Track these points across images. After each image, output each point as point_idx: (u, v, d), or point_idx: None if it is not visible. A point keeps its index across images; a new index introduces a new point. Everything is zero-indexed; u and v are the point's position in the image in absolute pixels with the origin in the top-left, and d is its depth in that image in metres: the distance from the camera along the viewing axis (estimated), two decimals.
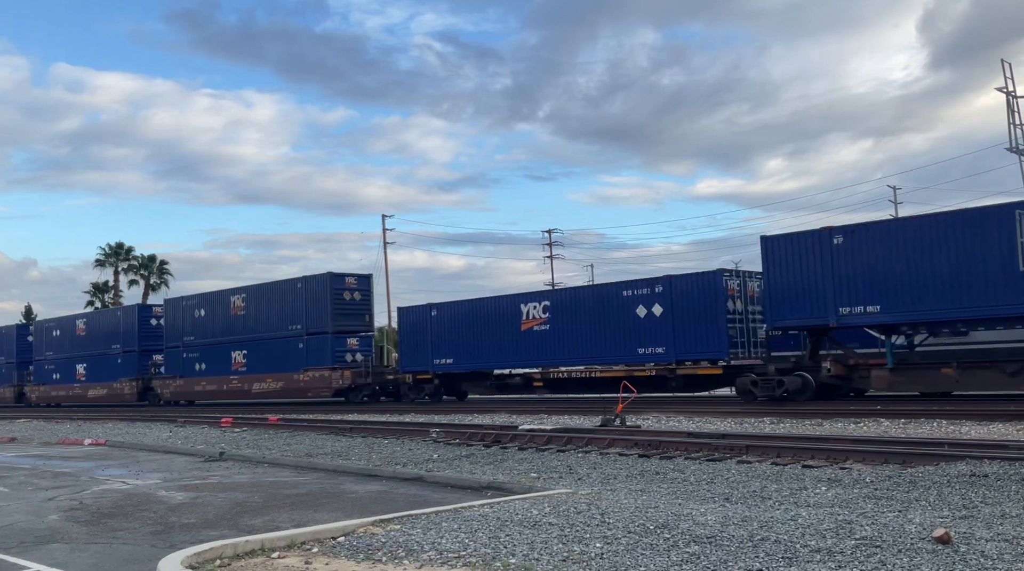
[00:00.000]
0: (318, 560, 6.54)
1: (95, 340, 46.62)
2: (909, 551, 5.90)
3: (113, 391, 45.04)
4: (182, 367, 41.69)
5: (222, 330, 40.11)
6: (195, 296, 42.87)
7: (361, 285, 36.66)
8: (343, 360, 35.25)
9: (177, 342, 42.08)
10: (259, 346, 38.18)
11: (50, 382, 48.68)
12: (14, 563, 7.23)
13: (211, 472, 13.63)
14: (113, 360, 45.22)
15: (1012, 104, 17.21)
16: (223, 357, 39.67)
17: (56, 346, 49.13)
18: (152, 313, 45.23)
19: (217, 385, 40.05)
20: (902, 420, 17.46)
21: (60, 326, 49.77)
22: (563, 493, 9.38)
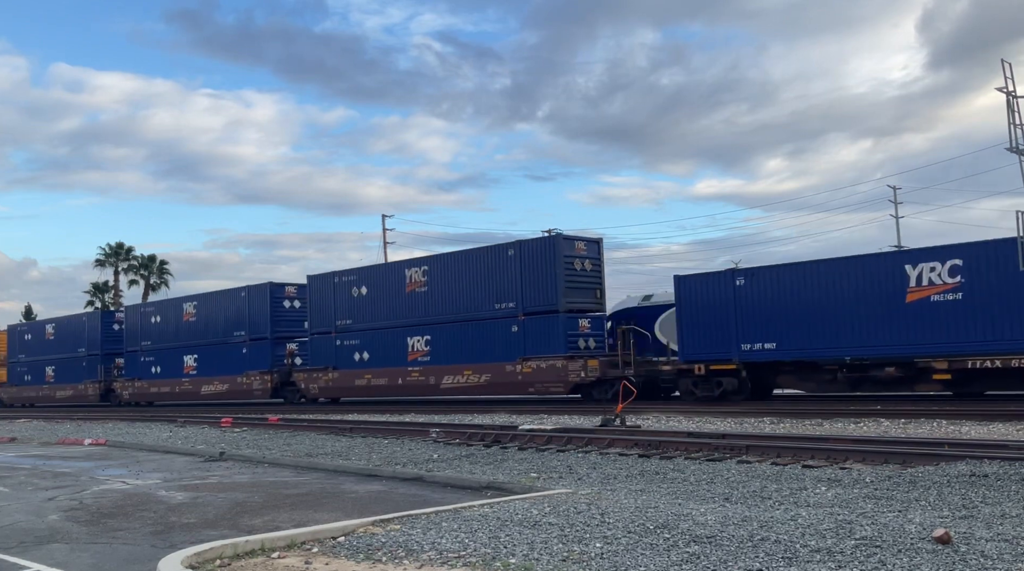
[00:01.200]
0: (318, 560, 6.54)
1: (211, 327, 40.30)
2: (909, 551, 5.90)
3: (238, 386, 38.42)
4: None
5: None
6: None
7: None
8: None
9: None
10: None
11: (149, 376, 43.42)
12: (14, 563, 7.23)
13: (211, 472, 13.63)
14: (238, 350, 38.46)
15: (1012, 104, 17.21)
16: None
17: (155, 335, 43.44)
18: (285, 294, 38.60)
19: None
20: (902, 420, 17.46)
21: (160, 312, 44.10)
22: (563, 493, 9.38)
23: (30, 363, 51.44)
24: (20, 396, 52.04)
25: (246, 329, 38.13)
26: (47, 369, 49.83)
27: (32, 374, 51.26)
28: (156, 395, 42.33)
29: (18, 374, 52.56)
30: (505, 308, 28.63)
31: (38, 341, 50.98)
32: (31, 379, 51.26)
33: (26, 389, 51.45)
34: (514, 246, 28.59)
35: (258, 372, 37.27)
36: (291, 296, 38.60)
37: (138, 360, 43.48)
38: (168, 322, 42.24)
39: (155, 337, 42.79)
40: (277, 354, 37.29)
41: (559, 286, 27.15)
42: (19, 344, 52.87)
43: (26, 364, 51.82)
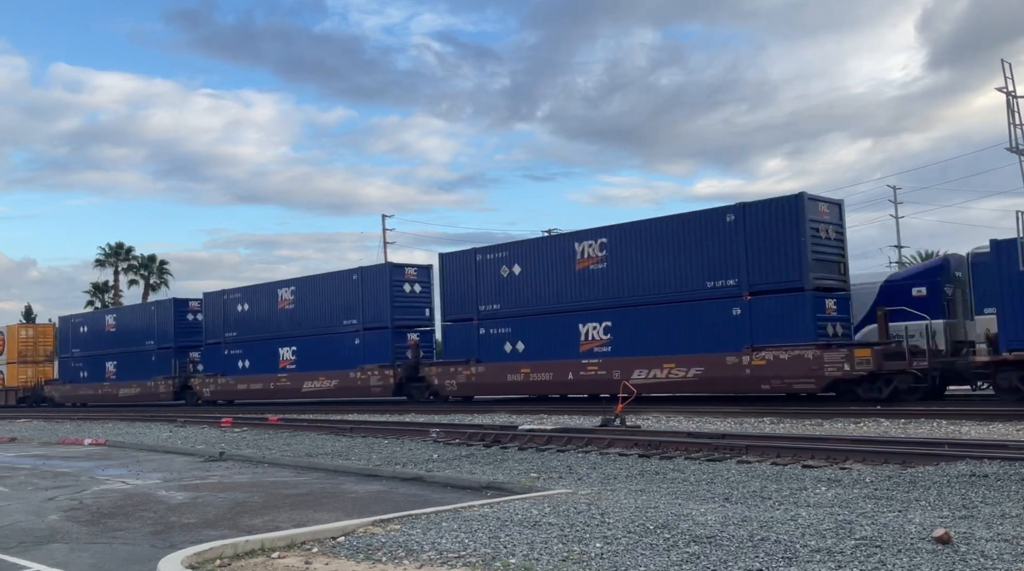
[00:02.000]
0: (318, 560, 6.54)
1: (313, 315, 34.71)
2: (909, 551, 5.90)
3: (350, 381, 32.74)
4: None
5: None
6: None
7: None
8: None
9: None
10: None
11: (235, 372, 37.63)
12: (14, 563, 7.23)
13: (211, 472, 13.63)
14: (350, 340, 33.30)
15: (1012, 104, 17.22)
16: None
17: (242, 324, 37.69)
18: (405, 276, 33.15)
19: None
20: (902, 420, 17.47)
21: (249, 298, 37.86)
22: (563, 493, 9.38)
23: (86, 358, 46.54)
24: (74, 394, 47.07)
25: (359, 317, 32.55)
26: (107, 365, 44.81)
27: (89, 370, 46.20)
28: (244, 392, 36.84)
29: (72, 370, 47.58)
30: (723, 286, 23.07)
31: (96, 333, 46.07)
32: (88, 376, 46.22)
33: (81, 387, 46.49)
34: (736, 210, 23.03)
35: (377, 366, 31.58)
36: (411, 279, 33.11)
37: (220, 353, 37.90)
38: (258, 310, 36.71)
39: (242, 327, 37.24)
40: (398, 345, 31.79)
41: (805, 258, 21.62)
42: (73, 337, 47.99)
43: (82, 359, 47.01)
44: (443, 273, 30.54)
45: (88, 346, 46.72)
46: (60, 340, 49.71)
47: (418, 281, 33.06)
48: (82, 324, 48.17)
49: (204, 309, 38.72)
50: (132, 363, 42.93)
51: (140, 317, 43.91)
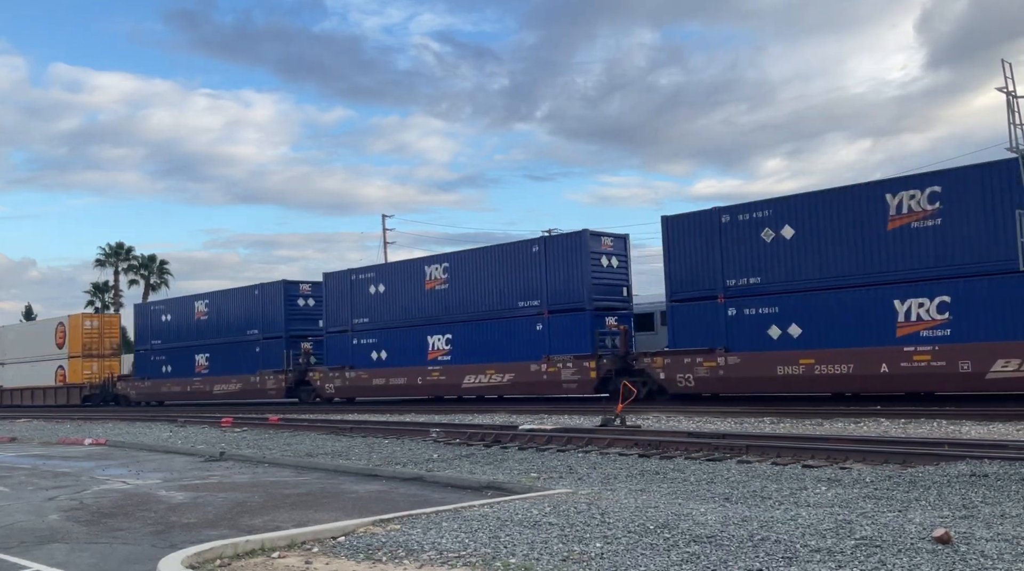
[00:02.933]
0: (318, 560, 6.54)
1: (476, 297, 29.55)
2: (909, 551, 5.90)
3: (529, 376, 27.51)
4: None
5: None
6: None
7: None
8: None
9: None
10: None
11: (366, 364, 32.29)
12: (14, 563, 7.23)
13: (211, 472, 13.63)
14: (530, 325, 27.71)
15: (1012, 104, 17.19)
16: None
17: (374, 309, 32.69)
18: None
19: None
20: (902, 420, 17.47)
21: (385, 278, 32.75)
22: (563, 493, 9.39)
23: (170, 351, 41.18)
24: (155, 392, 41.82)
25: (543, 298, 27.56)
26: (197, 357, 39.56)
27: (174, 364, 40.81)
28: (384, 388, 31.72)
29: (151, 365, 42.07)
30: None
31: (183, 322, 40.82)
32: (172, 370, 40.82)
33: (164, 383, 41.09)
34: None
35: (570, 357, 26.44)
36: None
37: (347, 344, 33.00)
38: (399, 292, 31.77)
39: (377, 313, 32.45)
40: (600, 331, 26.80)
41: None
42: (153, 327, 42.55)
43: (164, 352, 41.55)
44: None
45: (172, 337, 41.37)
46: (137, 331, 44.25)
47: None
48: (164, 312, 42.59)
49: (325, 291, 34.24)
50: (230, 355, 37.76)
51: (239, 302, 38.15)
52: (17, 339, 52.14)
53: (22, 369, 50.41)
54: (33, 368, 49.27)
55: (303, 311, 36.11)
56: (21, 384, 50.08)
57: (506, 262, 28.82)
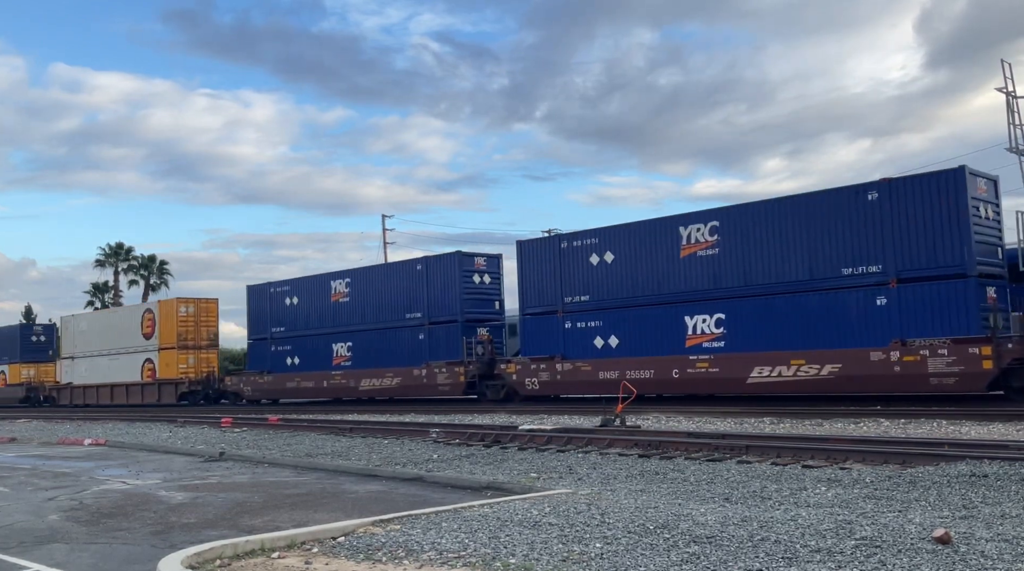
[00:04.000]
0: (318, 560, 6.54)
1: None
2: (909, 551, 5.90)
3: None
4: None
5: None
6: None
7: None
8: None
9: None
10: None
11: (586, 353, 26.05)
12: (14, 563, 7.23)
13: (211, 472, 13.63)
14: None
15: (1012, 104, 17.23)
16: None
17: (604, 285, 25.84)
18: None
19: None
20: (902, 420, 17.47)
21: (614, 243, 25.77)
22: (563, 493, 9.39)
23: (298, 339, 35.26)
24: (278, 388, 36.00)
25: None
26: (336, 347, 33.64)
27: (303, 355, 34.98)
28: (606, 383, 24.82)
29: (273, 356, 36.09)
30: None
31: (315, 305, 34.83)
32: (300, 362, 34.99)
33: (292, 377, 35.15)
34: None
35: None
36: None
37: (557, 328, 26.58)
38: (626, 263, 25.27)
39: (597, 289, 25.94)
40: None
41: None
42: (273, 311, 36.49)
43: (289, 340, 35.61)
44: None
45: (301, 323, 35.53)
46: (251, 316, 37.85)
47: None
48: (289, 294, 36.12)
49: (522, 262, 28.13)
50: (381, 344, 31.98)
51: (395, 280, 32.19)
52: (91, 329, 45.87)
53: (98, 364, 44.36)
54: (113, 362, 43.39)
55: (479, 290, 30.34)
56: (98, 381, 43.89)
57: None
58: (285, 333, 36.11)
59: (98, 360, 44.55)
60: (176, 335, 40.30)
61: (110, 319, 46.60)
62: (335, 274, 34.79)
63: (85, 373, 45.24)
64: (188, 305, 41.41)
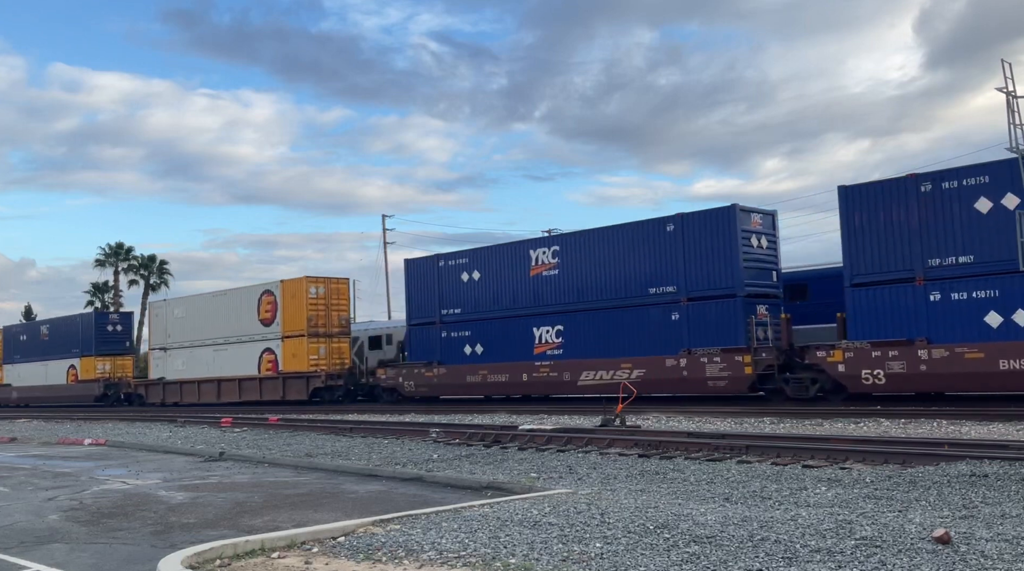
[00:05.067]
0: (318, 560, 6.54)
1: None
2: (909, 551, 5.90)
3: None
4: None
5: None
6: None
7: None
8: None
9: None
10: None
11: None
12: (14, 563, 7.23)
13: (211, 472, 13.63)
14: None
15: (1012, 104, 17.21)
16: None
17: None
18: None
19: None
20: (902, 420, 17.48)
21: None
22: (563, 493, 9.39)
23: (482, 323, 28.94)
24: (457, 382, 29.45)
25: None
26: (538, 332, 27.34)
27: (489, 342, 28.69)
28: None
29: (446, 344, 29.86)
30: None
31: (505, 281, 28.63)
32: (485, 351, 28.77)
33: (475, 369, 28.74)
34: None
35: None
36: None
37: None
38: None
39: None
40: None
41: None
42: (443, 289, 30.16)
43: (468, 325, 29.40)
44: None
45: (486, 303, 29.08)
46: (410, 296, 31.47)
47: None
48: (467, 267, 29.73)
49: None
50: (610, 327, 25.77)
51: (623, 248, 25.94)
52: (191, 316, 39.62)
53: (200, 356, 38.72)
54: (220, 354, 37.69)
55: (758, 256, 24.02)
56: (199, 375, 38.37)
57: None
58: (462, 316, 29.56)
59: (200, 351, 38.73)
60: (305, 320, 34.10)
61: (216, 303, 38.82)
62: (536, 241, 28.30)
63: (182, 367, 39.38)
64: (318, 285, 34.96)
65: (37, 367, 49.06)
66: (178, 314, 40.50)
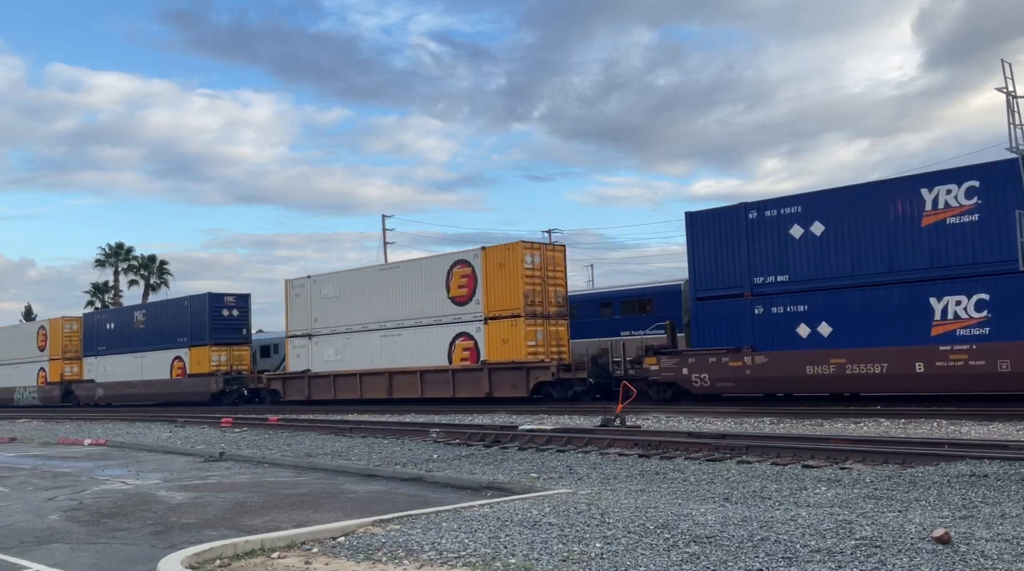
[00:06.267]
0: (318, 560, 6.54)
1: None
2: (909, 551, 5.90)
3: None
4: None
5: None
6: None
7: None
8: None
9: None
10: None
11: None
12: (14, 563, 7.23)
13: (211, 472, 13.63)
14: None
15: (1012, 104, 17.18)
16: None
17: None
18: None
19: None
20: (902, 420, 17.47)
21: None
22: (563, 493, 9.39)
23: (829, 296, 21.27)
24: (792, 374, 21.62)
25: None
26: (943, 303, 19.60)
27: (840, 319, 21.07)
28: None
29: (764, 324, 22.32)
30: None
31: (871, 235, 20.79)
32: (835, 333, 21.07)
33: (822, 356, 20.99)
34: None
35: None
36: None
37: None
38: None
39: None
40: None
41: None
42: (754, 250, 22.58)
43: (806, 297, 21.66)
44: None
45: (833, 266, 21.34)
46: (699, 261, 23.65)
47: None
48: (801, 218, 21.99)
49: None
50: None
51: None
52: (345, 295, 32.83)
53: (362, 343, 31.91)
54: (392, 341, 30.92)
55: None
56: (362, 366, 31.51)
57: None
58: (791, 284, 21.92)
59: (361, 338, 31.92)
60: (522, 297, 26.92)
61: (381, 278, 31.99)
62: (934, 177, 20.30)
63: (335, 357, 32.80)
64: (534, 252, 27.66)
65: (129, 360, 41.93)
66: (328, 293, 33.34)
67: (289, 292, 35.40)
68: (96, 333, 45.04)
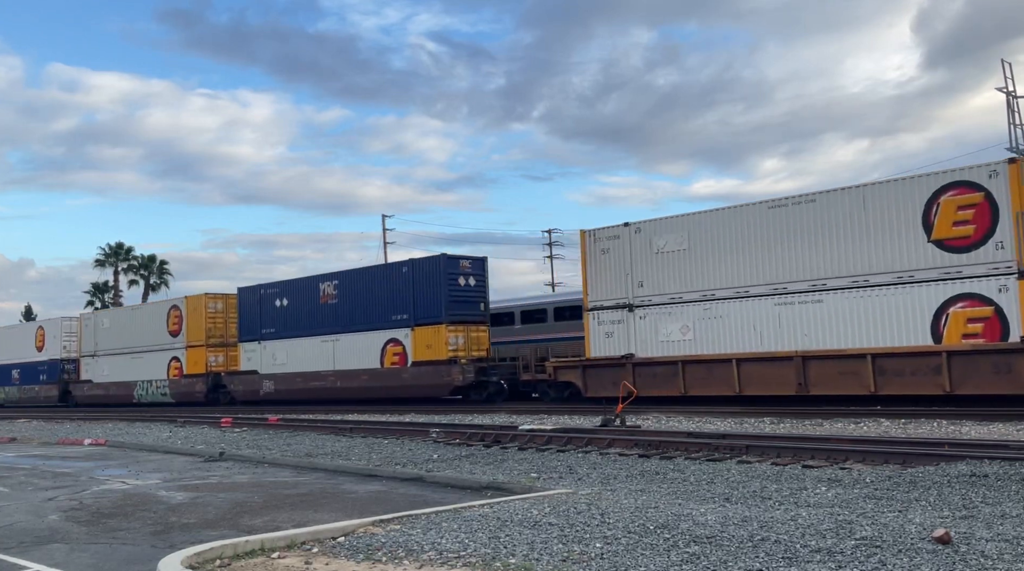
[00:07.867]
0: (318, 560, 6.54)
1: None
2: (909, 551, 5.90)
3: None
4: None
5: None
6: None
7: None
8: None
9: None
10: None
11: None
12: (14, 563, 7.23)
13: (211, 472, 13.63)
14: None
15: (1012, 104, 17.17)
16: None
17: None
18: None
19: None
20: (902, 420, 17.46)
21: None
22: (563, 493, 9.38)
23: None
24: None
25: None
26: None
27: None
28: None
29: None
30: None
31: None
32: None
33: None
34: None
35: None
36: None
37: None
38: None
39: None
40: None
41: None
42: None
43: None
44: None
45: None
46: None
47: None
48: None
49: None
50: None
51: None
52: (696, 247, 23.02)
53: (722, 316, 22.32)
54: (803, 310, 20.90)
55: None
56: (723, 350, 22.18)
57: None
58: None
59: (727, 307, 22.16)
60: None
61: (773, 218, 21.30)
62: None
63: (680, 336, 23.26)
64: None
65: (313, 345, 33.51)
66: (666, 245, 23.54)
67: (591, 243, 25.38)
68: (261, 311, 35.88)
